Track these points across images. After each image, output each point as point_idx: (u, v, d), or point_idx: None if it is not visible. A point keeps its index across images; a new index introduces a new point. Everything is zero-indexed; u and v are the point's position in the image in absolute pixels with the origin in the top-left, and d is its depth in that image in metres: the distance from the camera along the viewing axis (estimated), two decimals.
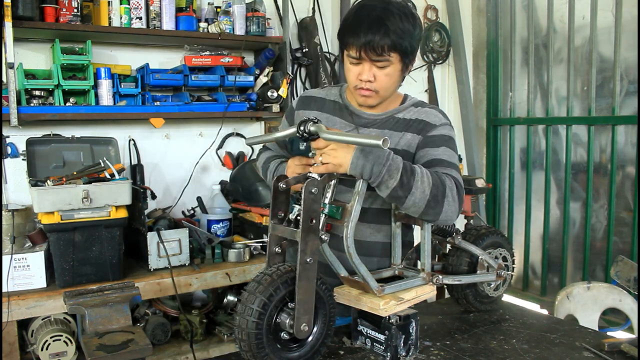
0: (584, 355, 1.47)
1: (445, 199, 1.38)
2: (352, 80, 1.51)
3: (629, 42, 3.18)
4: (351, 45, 1.44)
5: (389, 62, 1.45)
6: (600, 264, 3.41)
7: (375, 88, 1.49)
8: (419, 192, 1.35)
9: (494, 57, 4.02)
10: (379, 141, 1.18)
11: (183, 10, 2.83)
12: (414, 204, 1.37)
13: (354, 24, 1.44)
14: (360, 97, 1.53)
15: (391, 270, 1.60)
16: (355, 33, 1.42)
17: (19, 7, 2.36)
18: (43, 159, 2.50)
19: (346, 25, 1.47)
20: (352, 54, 1.46)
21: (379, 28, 1.40)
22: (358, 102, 1.57)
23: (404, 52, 1.44)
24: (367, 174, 1.32)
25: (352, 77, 1.50)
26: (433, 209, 1.38)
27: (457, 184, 1.43)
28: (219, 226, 2.85)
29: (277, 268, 1.27)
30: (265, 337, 1.22)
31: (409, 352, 1.43)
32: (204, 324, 2.71)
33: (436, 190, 1.36)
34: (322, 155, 1.33)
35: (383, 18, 1.40)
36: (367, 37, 1.40)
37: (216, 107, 2.92)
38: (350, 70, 1.50)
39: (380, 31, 1.39)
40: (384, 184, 1.34)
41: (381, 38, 1.40)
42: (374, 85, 1.48)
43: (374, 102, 1.55)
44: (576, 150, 3.54)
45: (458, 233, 1.67)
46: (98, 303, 1.38)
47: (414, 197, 1.35)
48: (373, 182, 1.34)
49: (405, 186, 1.34)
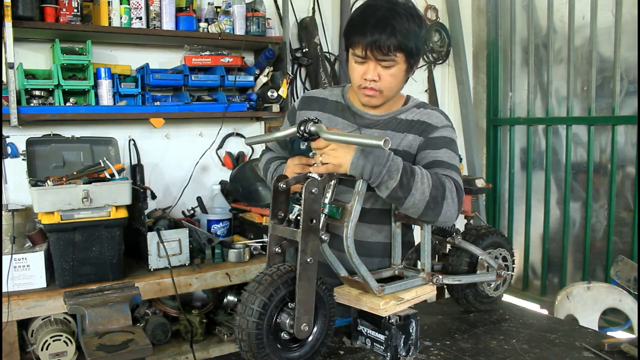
0: (584, 355, 1.47)
1: (445, 201, 1.39)
2: (357, 80, 1.50)
3: (629, 42, 3.18)
4: (357, 44, 1.44)
5: (394, 62, 1.45)
6: (600, 264, 3.41)
7: (379, 88, 1.49)
8: (419, 193, 1.35)
9: (494, 57, 4.02)
10: (379, 141, 1.18)
11: (183, 10, 2.83)
12: (413, 205, 1.37)
13: (360, 23, 1.44)
14: (364, 96, 1.53)
15: (391, 270, 1.60)
16: (362, 32, 1.42)
17: (19, 7, 2.36)
18: (43, 159, 2.50)
19: (352, 24, 1.47)
20: (357, 53, 1.45)
21: (385, 27, 1.40)
22: (362, 101, 1.57)
23: (409, 53, 1.45)
24: (367, 174, 1.32)
25: (357, 76, 1.49)
26: (432, 210, 1.38)
27: (457, 185, 1.43)
28: (219, 226, 2.85)
29: (277, 268, 1.27)
30: (265, 337, 1.22)
31: (409, 352, 1.43)
32: (204, 324, 2.71)
33: (436, 191, 1.37)
34: (322, 156, 1.33)
35: (389, 18, 1.41)
36: (374, 36, 1.40)
37: (216, 107, 2.92)
38: (355, 70, 1.49)
39: (386, 30, 1.40)
40: (383, 184, 1.34)
41: (387, 38, 1.40)
42: (379, 85, 1.48)
43: (377, 102, 1.54)
44: (576, 150, 3.54)
45: (458, 233, 1.67)
46: (98, 303, 1.38)
47: (413, 198, 1.35)
48: (373, 183, 1.34)
49: (405, 187, 1.34)
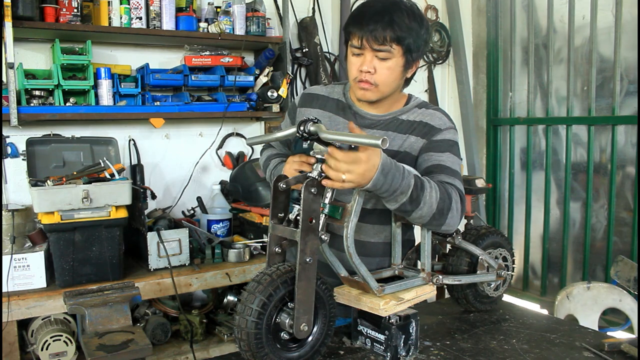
0: (584, 355, 1.47)
1: (450, 212, 1.40)
2: (353, 73, 1.50)
3: (629, 42, 3.18)
4: (354, 34, 1.45)
5: (390, 54, 1.44)
6: (600, 264, 3.41)
7: (375, 81, 1.47)
8: (427, 206, 1.35)
9: (494, 57, 4.02)
10: (377, 141, 1.17)
11: (183, 10, 2.83)
12: (420, 217, 1.38)
13: (359, 14, 1.46)
14: (359, 90, 1.51)
15: (391, 270, 1.60)
16: (359, 22, 1.43)
17: (19, 7, 2.36)
18: (43, 159, 2.50)
19: (352, 16, 1.48)
20: (354, 43, 1.46)
21: (382, 17, 1.41)
22: (357, 95, 1.55)
23: (407, 47, 1.44)
24: (382, 191, 1.30)
25: (354, 69, 1.49)
26: (437, 221, 1.40)
27: (461, 196, 1.44)
28: (219, 226, 2.85)
29: (277, 268, 1.27)
30: (264, 336, 1.22)
31: (409, 352, 1.43)
32: (204, 324, 2.71)
33: (442, 204, 1.38)
34: (345, 174, 1.25)
35: (389, 10, 1.42)
36: (370, 26, 1.41)
37: (216, 107, 2.92)
38: (352, 63, 1.49)
39: (384, 20, 1.41)
40: (394, 199, 1.33)
41: (384, 28, 1.41)
42: (374, 78, 1.47)
43: (373, 97, 1.52)
44: (576, 150, 3.53)
45: (458, 233, 1.67)
46: (98, 303, 1.38)
47: (421, 211, 1.36)
48: (384, 198, 1.34)
49: (415, 201, 1.34)
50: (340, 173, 1.25)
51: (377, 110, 1.59)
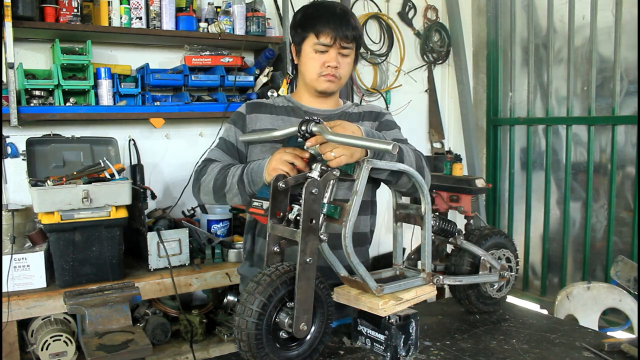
0: (584, 355, 1.47)
1: (425, 170, 1.56)
2: (316, 68, 1.63)
3: (629, 42, 3.18)
4: (325, 33, 1.59)
5: (351, 51, 1.65)
6: (600, 264, 3.41)
7: (339, 74, 1.65)
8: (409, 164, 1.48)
9: (494, 57, 4.02)
10: (388, 146, 1.20)
11: (183, 10, 2.83)
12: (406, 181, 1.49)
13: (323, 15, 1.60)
14: (324, 82, 1.65)
15: (392, 270, 1.60)
16: (328, 23, 1.59)
17: (19, 7, 2.36)
18: (43, 159, 2.50)
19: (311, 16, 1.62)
20: (323, 41, 1.60)
21: (348, 21, 1.61)
22: (321, 88, 1.66)
23: (358, 45, 1.67)
24: None
25: (317, 65, 1.63)
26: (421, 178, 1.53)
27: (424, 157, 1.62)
28: (219, 226, 2.85)
29: (276, 268, 1.27)
30: (264, 337, 1.22)
31: (408, 352, 1.43)
32: (204, 324, 2.71)
33: (420, 162, 1.55)
34: (334, 150, 1.32)
35: (347, 13, 1.63)
36: (342, 27, 1.59)
37: (216, 107, 2.92)
38: (314, 59, 1.63)
39: (350, 23, 1.61)
40: None
41: (349, 30, 1.60)
42: (339, 72, 1.64)
43: (335, 88, 1.69)
44: (576, 150, 3.53)
45: (460, 233, 1.67)
46: (98, 303, 1.39)
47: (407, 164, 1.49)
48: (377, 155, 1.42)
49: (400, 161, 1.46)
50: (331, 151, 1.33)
51: (326, 106, 1.74)
